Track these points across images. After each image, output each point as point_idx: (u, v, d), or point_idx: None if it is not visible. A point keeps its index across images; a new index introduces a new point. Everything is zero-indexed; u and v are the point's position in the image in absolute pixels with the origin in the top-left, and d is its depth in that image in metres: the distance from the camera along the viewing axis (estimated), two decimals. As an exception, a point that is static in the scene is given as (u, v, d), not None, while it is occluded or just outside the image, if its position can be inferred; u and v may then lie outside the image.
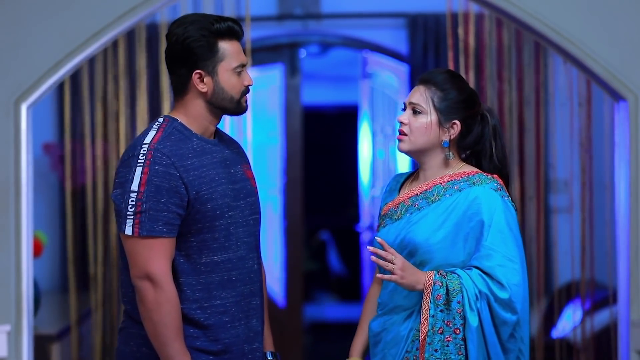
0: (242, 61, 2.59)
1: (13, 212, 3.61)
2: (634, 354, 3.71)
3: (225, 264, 2.58)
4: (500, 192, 2.62)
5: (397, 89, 6.08)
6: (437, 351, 2.56)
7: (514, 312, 2.56)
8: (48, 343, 4.49)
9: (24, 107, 3.64)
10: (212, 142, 2.62)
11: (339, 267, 9.40)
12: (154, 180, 2.47)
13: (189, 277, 2.55)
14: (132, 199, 2.47)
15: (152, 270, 2.47)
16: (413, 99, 2.65)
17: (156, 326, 2.48)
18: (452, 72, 2.73)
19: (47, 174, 5.58)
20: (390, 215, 2.71)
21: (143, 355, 2.58)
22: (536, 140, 5.22)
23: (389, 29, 5.83)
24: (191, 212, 2.52)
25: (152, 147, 2.50)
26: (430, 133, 2.64)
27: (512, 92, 5.13)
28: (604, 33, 3.70)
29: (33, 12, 3.63)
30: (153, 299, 2.48)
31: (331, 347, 7.79)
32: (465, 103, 2.66)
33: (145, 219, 2.47)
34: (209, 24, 2.55)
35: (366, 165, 6.69)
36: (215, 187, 2.55)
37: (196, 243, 2.55)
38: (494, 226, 2.56)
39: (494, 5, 3.73)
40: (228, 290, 2.58)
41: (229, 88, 2.58)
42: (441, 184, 2.65)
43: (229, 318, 2.59)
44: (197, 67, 2.56)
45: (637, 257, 3.71)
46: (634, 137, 3.70)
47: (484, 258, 2.56)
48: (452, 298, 2.55)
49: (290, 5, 5.76)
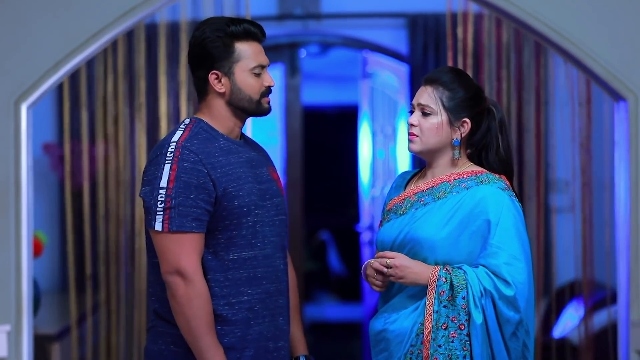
0: (260, 62, 2.63)
1: (13, 212, 3.61)
2: (634, 354, 3.71)
3: (252, 260, 2.62)
4: (507, 191, 2.63)
5: (397, 89, 6.08)
6: (441, 347, 2.57)
7: (517, 311, 2.57)
8: (48, 343, 4.49)
9: (24, 107, 3.64)
10: (238, 143, 2.67)
11: (339, 267, 9.40)
12: (182, 177, 2.52)
13: (216, 274, 2.59)
14: (161, 195, 2.52)
15: (182, 265, 2.51)
16: (421, 100, 2.66)
17: (189, 321, 2.52)
18: (457, 69, 2.74)
19: (47, 174, 5.58)
20: (395, 210, 2.72)
21: (171, 353, 2.61)
22: (536, 140, 5.22)
23: (389, 29, 5.83)
24: (218, 209, 2.56)
25: (180, 145, 2.55)
26: (441, 133, 2.65)
27: (512, 92, 5.13)
28: (604, 33, 3.70)
29: (33, 12, 3.63)
30: (184, 294, 2.51)
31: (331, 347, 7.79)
32: (473, 100, 2.67)
33: (174, 215, 2.51)
34: (224, 26, 2.60)
35: (366, 165, 6.69)
36: (242, 185, 2.59)
37: (224, 240, 2.59)
38: (501, 225, 2.58)
39: (494, 5, 3.73)
40: (254, 287, 2.62)
41: (247, 88, 2.62)
42: (448, 181, 2.66)
43: (254, 314, 2.62)
44: (214, 67, 2.61)
45: (637, 257, 3.71)
46: (633, 137, 3.70)
47: (491, 256, 2.57)
48: (457, 294, 2.56)
49: (290, 5, 5.76)
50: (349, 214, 8.76)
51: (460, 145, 2.67)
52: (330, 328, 8.36)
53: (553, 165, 5.32)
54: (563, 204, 5.38)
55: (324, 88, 9.03)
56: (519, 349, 2.61)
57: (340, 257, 9.46)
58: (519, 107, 5.22)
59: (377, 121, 6.49)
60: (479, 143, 2.70)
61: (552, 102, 5.26)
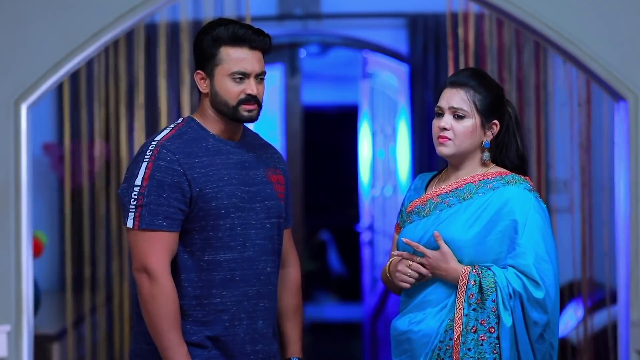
0: (241, 69, 2.60)
1: (13, 212, 3.61)
2: (634, 354, 3.71)
3: (229, 263, 2.61)
4: (533, 192, 2.64)
5: (397, 89, 6.08)
6: (470, 350, 2.56)
7: (545, 312, 2.56)
8: (48, 343, 4.49)
9: (24, 107, 3.64)
10: (231, 144, 2.66)
11: (339, 267, 9.40)
12: (156, 175, 2.54)
13: (191, 274, 2.59)
14: (134, 193, 2.54)
15: (149, 263, 2.53)
16: (454, 103, 2.63)
17: (151, 317, 2.54)
18: (481, 71, 2.74)
19: (47, 174, 5.57)
20: (417, 212, 2.70)
21: (143, 352, 2.64)
22: (536, 140, 5.22)
23: (389, 29, 5.83)
24: (194, 209, 2.57)
25: (160, 144, 2.57)
26: (474, 136, 2.64)
27: (512, 92, 5.13)
28: (604, 33, 3.70)
29: (33, 12, 3.63)
30: (148, 292, 2.53)
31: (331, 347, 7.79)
32: (500, 101, 2.67)
33: (145, 213, 2.53)
34: (214, 28, 2.61)
35: (366, 165, 6.69)
36: (221, 187, 2.59)
37: (200, 240, 2.59)
38: (528, 225, 2.57)
39: (494, 5, 3.73)
40: (229, 289, 2.62)
41: (224, 93, 2.61)
42: (473, 182, 2.65)
43: (228, 317, 2.61)
44: (198, 67, 2.64)
45: (637, 257, 3.70)
46: (633, 137, 3.69)
47: (520, 256, 2.56)
48: (487, 297, 2.55)
49: (290, 5, 5.76)
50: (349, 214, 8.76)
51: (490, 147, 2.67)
52: (330, 328, 8.36)
53: (553, 166, 5.32)
54: (562, 204, 5.38)
55: (324, 88, 9.04)
56: (546, 350, 2.59)
57: (340, 257, 9.46)
58: (519, 107, 5.22)
59: (377, 121, 6.49)
60: (502, 143, 2.70)
61: (551, 103, 5.26)
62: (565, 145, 5.07)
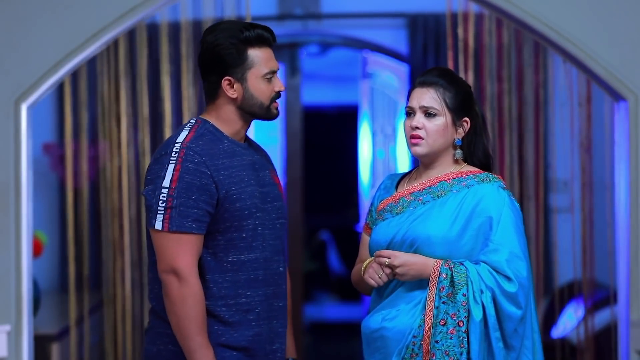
0: (272, 68, 2.65)
1: (13, 212, 3.61)
2: (634, 354, 3.71)
3: (252, 263, 2.63)
4: (507, 191, 2.68)
5: (397, 89, 6.08)
6: (438, 342, 2.58)
7: (519, 307, 2.58)
8: (48, 343, 4.49)
9: (24, 107, 3.64)
10: (242, 146, 2.68)
11: (339, 267, 9.40)
12: (185, 177, 2.54)
13: (215, 275, 2.60)
14: (163, 195, 2.54)
15: (178, 265, 2.53)
16: (424, 102, 2.66)
17: (179, 320, 2.54)
18: (449, 70, 2.78)
19: (47, 174, 5.57)
20: (389, 209, 2.72)
21: (170, 354, 2.63)
22: (536, 140, 5.22)
23: (389, 29, 5.83)
24: (220, 211, 2.58)
25: (185, 146, 2.57)
26: (447, 134, 2.67)
27: (512, 92, 5.13)
28: (604, 33, 3.70)
29: (33, 12, 3.63)
30: (178, 293, 2.53)
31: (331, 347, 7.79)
32: (470, 99, 2.71)
33: (175, 215, 2.53)
34: (238, 32, 2.61)
35: (366, 165, 6.69)
36: (244, 188, 2.61)
37: (224, 242, 2.61)
38: (502, 222, 2.61)
39: (494, 5, 3.73)
40: (254, 289, 2.64)
41: (259, 94, 2.64)
42: (446, 180, 2.68)
43: (254, 316, 2.64)
44: (227, 73, 2.62)
45: (637, 257, 3.70)
46: (634, 137, 3.70)
47: (492, 252, 2.60)
48: (458, 290, 2.58)
49: (290, 5, 5.76)
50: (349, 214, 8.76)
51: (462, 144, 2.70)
52: (330, 328, 8.36)
53: (553, 165, 5.32)
54: (563, 204, 5.38)
55: (324, 88, 9.04)
56: (520, 347, 2.61)
57: (340, 257, 9.46)
58: (519, 107, 5.22)
59: (377, 121, 6.49)
60: (470, 141, 2.73)
61: (551, 102, 5.26)
62: (565, 145, 5.07)
